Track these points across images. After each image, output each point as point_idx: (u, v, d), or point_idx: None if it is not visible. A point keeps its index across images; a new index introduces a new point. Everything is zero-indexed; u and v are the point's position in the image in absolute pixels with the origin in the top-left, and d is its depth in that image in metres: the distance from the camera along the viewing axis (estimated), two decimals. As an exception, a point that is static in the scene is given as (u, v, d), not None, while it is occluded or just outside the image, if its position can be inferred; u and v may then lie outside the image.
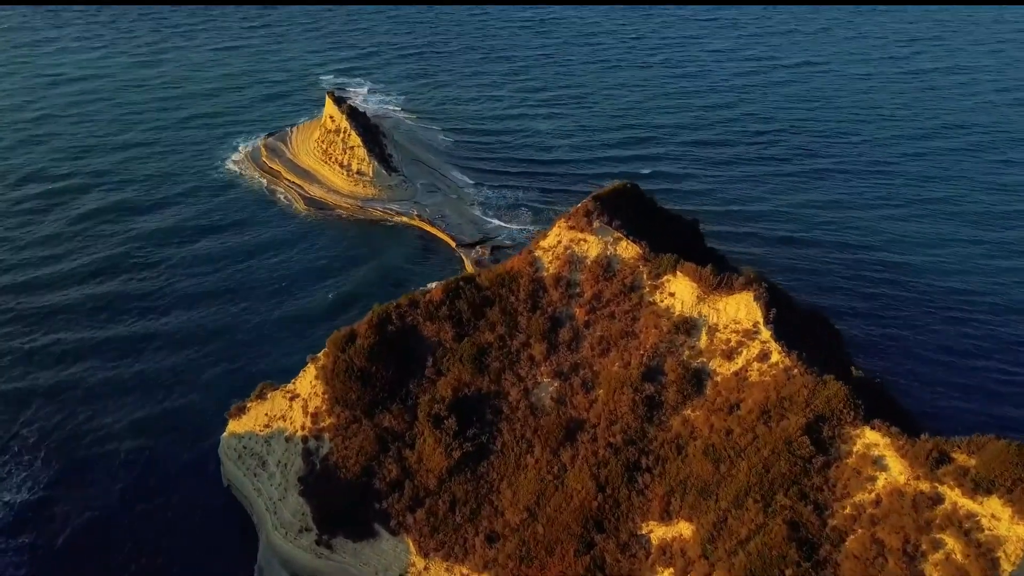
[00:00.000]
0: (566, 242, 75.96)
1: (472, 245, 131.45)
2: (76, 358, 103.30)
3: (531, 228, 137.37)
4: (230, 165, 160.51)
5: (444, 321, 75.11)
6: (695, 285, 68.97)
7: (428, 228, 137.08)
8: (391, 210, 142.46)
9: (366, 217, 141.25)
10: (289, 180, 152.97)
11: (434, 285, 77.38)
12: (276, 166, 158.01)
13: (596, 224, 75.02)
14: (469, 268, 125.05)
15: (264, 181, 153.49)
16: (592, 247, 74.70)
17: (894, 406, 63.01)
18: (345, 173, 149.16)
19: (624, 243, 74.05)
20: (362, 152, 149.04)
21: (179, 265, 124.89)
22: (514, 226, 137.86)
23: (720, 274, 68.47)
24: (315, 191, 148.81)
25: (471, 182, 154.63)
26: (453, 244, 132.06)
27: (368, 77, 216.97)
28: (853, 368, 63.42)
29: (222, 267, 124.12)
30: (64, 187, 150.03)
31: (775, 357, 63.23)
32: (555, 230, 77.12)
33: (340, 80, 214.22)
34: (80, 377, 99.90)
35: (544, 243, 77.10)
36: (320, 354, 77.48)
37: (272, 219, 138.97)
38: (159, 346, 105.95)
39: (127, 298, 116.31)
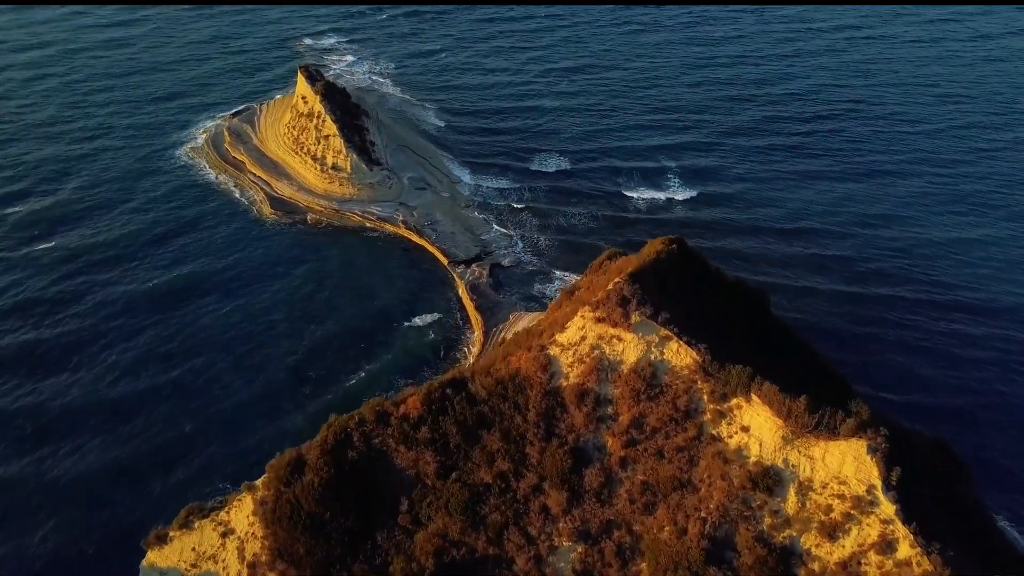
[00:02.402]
0: (593, 339, 55.01)
1: (467, 263, 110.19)
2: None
3: (538, 238, 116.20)
4: (186, 153, 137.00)
5: (424, 448, 54.81)
6: (780, 421, 48.43)
7: (415, 239, 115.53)
8: (371, 214, 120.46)
9: (342, 223, 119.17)
10: (254, 174, 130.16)
11: (409, 391, 56.64)
12: (240, 155, 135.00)
13: (635, 318, 53.97)
14: (463, 293, 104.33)
15: (224, 177, 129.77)
16: (630, 349, 53.80)
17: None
18: (319, 168, 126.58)
19: (675, 345, 53.14)
20: (338, 143, 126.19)
21: (97, 305, 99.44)
22: (518, 237, 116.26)
23: (818, 409, 47.79)
24: (283, 189, 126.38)
25: (468, 176, 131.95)
26: (445, 261, 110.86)
27: (355, 41, 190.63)
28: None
29: (154, 302, 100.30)
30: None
31: (904, 551, 43.09)
32: (577, 320, 56.09)
33: (324, 42, 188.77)
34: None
35: (562, 337, 56.15)
36: (259, 482, 57.53)
37: (228, 228, 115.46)
38: (56, 414, 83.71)
39: (24, 348, 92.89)
